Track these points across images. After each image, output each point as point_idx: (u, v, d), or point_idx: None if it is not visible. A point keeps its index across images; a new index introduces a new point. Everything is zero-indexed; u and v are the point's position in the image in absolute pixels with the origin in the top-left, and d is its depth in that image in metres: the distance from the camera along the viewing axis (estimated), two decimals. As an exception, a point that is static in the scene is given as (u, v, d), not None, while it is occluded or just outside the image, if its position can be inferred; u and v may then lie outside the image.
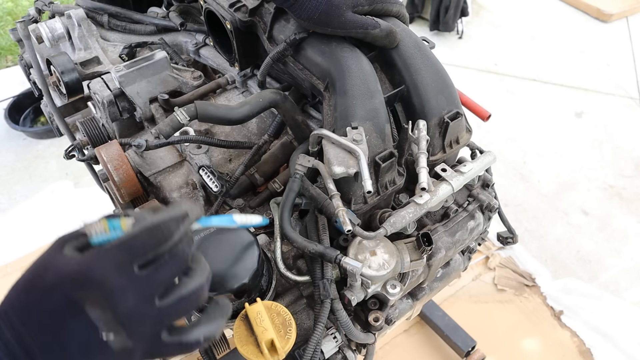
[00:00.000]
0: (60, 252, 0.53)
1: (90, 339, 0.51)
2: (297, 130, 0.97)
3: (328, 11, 0.82)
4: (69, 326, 0.50)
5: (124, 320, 0.52)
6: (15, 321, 0.51)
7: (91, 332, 0.50)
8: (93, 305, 0.50)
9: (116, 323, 0.51)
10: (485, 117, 1.03)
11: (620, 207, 2.66)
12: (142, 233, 0.53)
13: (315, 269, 0.80)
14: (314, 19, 0.83)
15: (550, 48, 3.78)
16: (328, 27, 0.84)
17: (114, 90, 1.07)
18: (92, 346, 0.51)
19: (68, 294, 0.50)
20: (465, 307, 2.12)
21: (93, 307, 0.50)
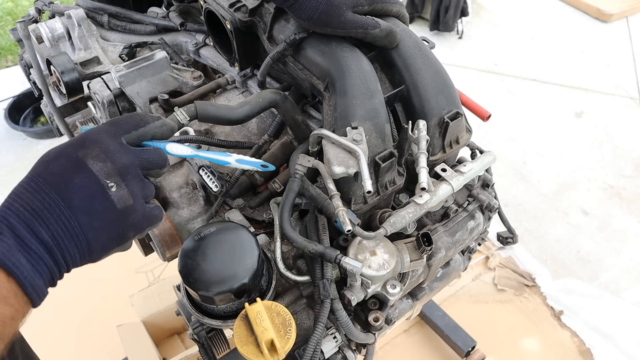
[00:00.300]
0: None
1: (93, 193, 0.57)
2: (297, 130, 0.97)
3: (328, 11, 0.82)
4: (75, 182, 0.56)
5: (122, 172, 0.59)
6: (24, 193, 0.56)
7: (93, 185, 0.57)
8: (95, 159, 0.58)
9: (116, 175, 0.58)
10: (485, 117, 1.03)
11: (620, 207, 2.66)
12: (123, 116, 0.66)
13: (315, 269, 0.80)
14: (313, 19, 0.83)
15: (550, 48, 3.78)
16: (328, 27, 0.84)
17: (114, 90, 1.07)
18: (96, 201, 0.57)
19: (72, 154, 0.58)
20: (465, 307, 2.12)
21: (95, 161, 0.58)
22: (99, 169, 0.58)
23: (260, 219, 0.97)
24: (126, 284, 2.10)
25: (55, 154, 0.59)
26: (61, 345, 2.01)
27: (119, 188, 0.58)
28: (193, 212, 0.98)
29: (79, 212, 0.56)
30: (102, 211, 0.58)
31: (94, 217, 0.57)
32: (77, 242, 0.57)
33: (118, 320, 1.87)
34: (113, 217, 0.59)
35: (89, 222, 0.57)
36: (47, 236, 0.55)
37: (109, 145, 0.60)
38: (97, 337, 2.01)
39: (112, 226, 0.59)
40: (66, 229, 0.56)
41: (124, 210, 0.59)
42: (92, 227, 0.57)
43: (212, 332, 0.90)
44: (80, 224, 0.56)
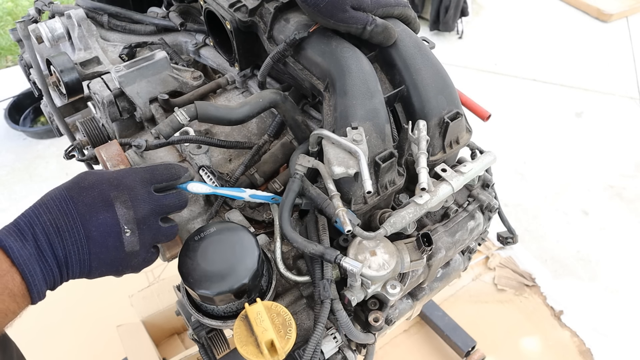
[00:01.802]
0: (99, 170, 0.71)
1: (110, 233, 0.65)
2: (297, 130, 0.97)
3: (334, 3, 0.83)
4: (100, 218, 0.65)
5: (139, 222, 0.68)
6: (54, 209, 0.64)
7: (112, 227, 0.65)
8: (122, 204, 0.67)
9: (134, 223, 0.67)
10: (485, 117, 1.03)
11: (620, 207, 2.66)
12: (161, 166, 0.75)
13: (315, 269, 0.80)
14: (319, 8, 0.84)
15: (550, 48, 3.78)
16: (331, 19, 0.85)
17: (114, 90, 1.06)
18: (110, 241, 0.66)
19: (105, 191, 0.66)
20: (465, 307, 2.12)
21: (121, 206, 0.66)
22: (123, 214, 0.67)
23: (260, 219, 0.97)
24: (126, 284, 2.09)
25: (92, 184, 0.67)
26: (61, 345, 2.01)
27: (132, 235, 0.68)
28: (193, 212, 0.98)
29: (92, 243, 0.65)
30: (111, 249, 0.67)
31: (103, 251, 0.66)
32: (82, 266, 0.66)
33: (118, 320, 1.87)
34: (119, 256, 0.68)
35: (97, 253, 0.66)
36: (62, 254, 0.64)
37: (138, 193, 0.69)
38: (97, 337, 2.01)
39: (115, 262, 0.69)
40: (78, 253, 0.65)
41: (129, 253, 0.69)
42: (98, 258, 0.66)
43: (212, 333, 0.90)
44: (90, 253, 0.65)
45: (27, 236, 0.62)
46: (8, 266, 0.60)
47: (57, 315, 2.09)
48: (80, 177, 0.69)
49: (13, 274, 0.60)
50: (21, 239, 0.61)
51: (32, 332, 2.04)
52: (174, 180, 0.76)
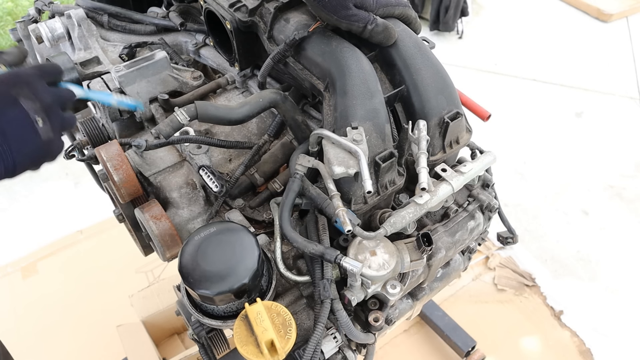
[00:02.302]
0: None
1: (24, 126, 0.69)
2: (297, 130, 0.97)
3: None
4: (8, 114, 0.67)
5: (47, 111, 0.71)
6: None
7: (24, 120, 0.68)
8: (25, 98, 0.69)
9: (42, 112, 0.70)
10: (485, 117, 1.03)
11: (620, 207, 2.66)
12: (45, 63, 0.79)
13: (315, 269, 0.80)
14: (324, 3, 0.84)
15: (550, 48, 3.78)
16: (334, 16, 0.85)
17: (114, 90, 1.06)
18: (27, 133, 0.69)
19: (4, 91, 0.68)
20: (465, 307, 2.12)
21: (26, 99, 0.69)
22: (30, 106, 0.69)
23: (260, 219, 0.97)
24: (126, 284, 2.09)
25: None
26: (61, 346, 2.01)
27: (44, 123, 0.71)
28: (193, 212, 0.98)
29: (10, 139, 0.67)
30: (29, 141, 0.70)
31: (22, 144, 0.69)
32: (6, 163, 0.68)
33: (118, 320, 1.87)
34: (38, 145, 0.71)
35: (18, 148, 0.69)
36: None
37: (37, 86, 0.72)
38: (97, 337, 2.01)
39: (36, 153, 0.72)
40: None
41: (47, 141, 0.72)
42: (20, 153, 0.69)
43: (212, 332, 0.90)
44: (11, 150, 0.68)
45: None
46: None
47: (56, 315, 2.09)
48: None
49: None
50: None
51: (32, 332, 2.05)
52: (59, 73, 0.81)
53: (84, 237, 2.34)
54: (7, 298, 2.16)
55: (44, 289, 2.18)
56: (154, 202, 0.96)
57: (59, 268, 2.24)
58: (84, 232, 2.36)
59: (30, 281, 2.21)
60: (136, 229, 1.07)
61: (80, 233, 2.36)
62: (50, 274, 2.23)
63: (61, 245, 2.32)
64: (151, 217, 0.93)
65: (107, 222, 2.33)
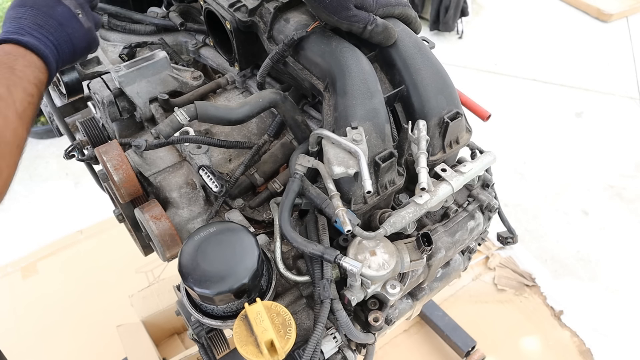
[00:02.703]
0: None
1: (71, 17, 0.87)
2: (297, 130, 0.97)
3: (339, 0, 0.84)
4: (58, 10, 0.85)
5: (82, 6, 0.90)
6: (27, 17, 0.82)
7: (69, 13, 0.87)
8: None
9: (79, 7, 0.89)
10: (485, 117, 1.03)
11: (620, 207, 2.66)
12: None
13: (315, 269, 0.80)
14: (324, 3, 0.84)
15: (550, 48, 3.78)
16: (335, 16, 0.85)
17: (114, 90, 1.06)
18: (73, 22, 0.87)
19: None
20: (465, 307, 2.12)
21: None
22: (70, 2, 0.87)
23: (260, 219, 0.97)
24: (126, 284, 2.10)
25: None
26: (61, 346, 2.02)
27: (83, 15, 0.89)
28: (193, 212, 0.98)
29: (65, 27, 0.85)
30: (77, 28, 0.87)
31: (74, 31, 0.87)
32: (69, 45, 0.86)
33: (118, 320, 1.87)
34: (84, 31, 0.89)
35: (72, 33, 0.86)
36: (53, 38, 0.83)
37: None
38: (97, 337, 2.01)
39: (84, 37, 0.89)
40: (62, 36, 0.85)
41: (88, 29, 0.90)
42: (74, 37, 0.87)
43: (212, 332, 0.90)
44: (68, 34, 0.86)
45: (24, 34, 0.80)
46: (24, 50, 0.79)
47: (56, 315, 2.09)
48: None
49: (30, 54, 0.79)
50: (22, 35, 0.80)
51: (32, 332, 2.05)
52: None
53: (84, 237, 2.34)
54: (7, 298, 2.16)
55: (44, 289, 2.18)
56: (154, 202, 0.96)
57: (59, 268, 2.24)
58: (84, 232, 2.36)
59: (30, 281, 2.21)
60: (136, 229, 1.07)
61: (80, 233, 2.36)
62: (50, 274, 2.23)
63: (61, 245, 2.32)
64: (151, 217, 0.93)
65: (107, 222, 2.33)
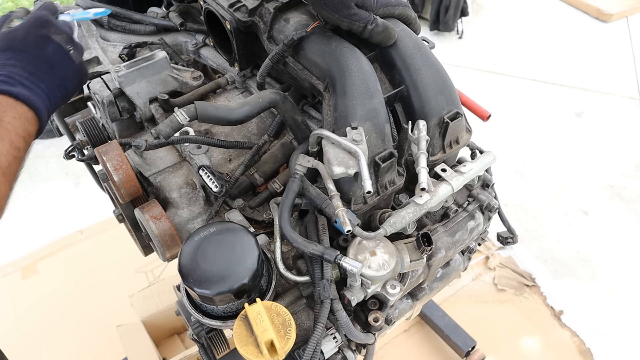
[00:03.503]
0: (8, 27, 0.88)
1: (62, 55, 0.83)
2: (297, 130, 0.97)
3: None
4: (48, 50, 0.82)
5: (71, 40, 0.86)
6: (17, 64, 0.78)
7: (61, 51, 0.83)
8: (55, 34, 0.84)
9: (70, 42, 0.86)
10: (485, 117, 1.03)
11: (620, 207, 2.66)
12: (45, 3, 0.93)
13: (315, 269, 0.80)
14: (326, 1, 0.85)
15: (550, 48, 3.78)
16: (336, 14, 0.85)
17: (114, 90, 1.06)
18: (65, 60, 0.84)
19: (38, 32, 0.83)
20: (465, 307, 2.12)
21: (56, 35, 0.84)
22: (60, 39, 0.84)
23: (260, 219, 0.97)
24: (126, 284, 2.10)
25: (24, 35, 0.82)
26: (61, 345, 2.01)
27: (74, 50, 0.86)
28: (193, 212, 0.98)
29: (57, 70, 0.82)
30: (69, 66, 0.84)
31: (66, 72, 0.84)
32: (60, 90, 0.83)
33: (118, 320, 1.87)
34: (75, 69, 0.86)
35: (64, 75, 0.83)
36: (46, 86, 0.80)
37: (57, 24, 0.86)
38: (97, 337, 2.01)
39: (76, 76, 0.87)
40: (53, 83, 0.81)
41: (79, 64, 0.87)
42: (67, 78, 0.84)
43: (212, 332, 0.90)
44: (60, 76, 0.83)
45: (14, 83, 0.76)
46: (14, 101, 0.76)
47: (57, 315, 2.09)
48: (9, 36, 0.81)
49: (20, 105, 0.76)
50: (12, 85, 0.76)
51: (32, 332, 2.05)
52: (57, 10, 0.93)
53: (84, 237, 2.34)
54: (7, 298, 2.16)
55: (44, 289, 2.18)
56: (154, 202, 0.96)
57: (59, 268, 2.24)
58: (84, 232, 2.36)
59: (30, 281, 2.21)
60: (136, 229, 1.07)
61: (80, 233, 2.36)
62: (50, 274, 2.23)
63: (61, 245, 2.32)
64: (151, 217, 0.93)
65: (107, 222, 2.33)
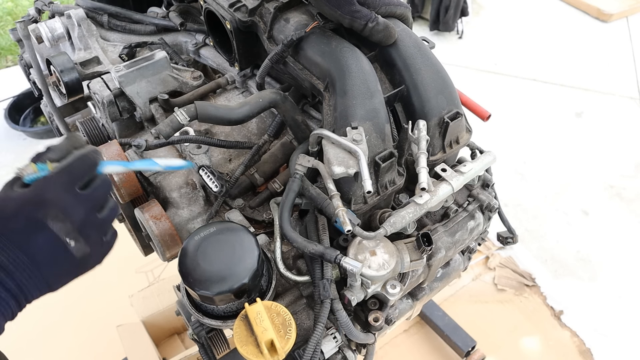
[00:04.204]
0: (10, 191, 0.64)
1: (56, 249, 0.62)
2: (297, 130, 0.97)
3: None
4: (37, 241, 0.61)
5: (80, 228, 0.64)
6: None
7: (55, 243, 0.62)
8: (54, 220, 0.62)
9: (75, 231, 0.63)
10: (485, 117, 1.03)
11: (620, 207, 2.66)
12: (74, 161, 0.67)
13: (315, 269, 0.80)
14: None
15: (550, 48, 3.78)
16: (338, 11, 0.86)
17: (114, 90, 1.06)
18: (59, 256, 0.63)
19: (31, 214, 0.62)
20: (465, 307, 2.12)
21: (54, 222, 0.62)
22: (59, 228, 0.62)
23: (260, 219, 0.97)
24: (126, 284, 2.09)
25: (14, 212, 0.62)
26: (61, 346, 2.01)
27: (77, 243, 0.64)
28: (193, 212, 0.98)
29: (43, 266, 0.62)
30: (63, 263, 0.64)
31: (54, 268, 0.63)
32: (40, 287, 0.63)
33: (118, 320, 1.87)
34: (74, 264, 0.65)
35: (50, 272, 0.63)
36: (13, 286, 0.61)
37: (66, 202, 0.64)
38: (97, 337, 2.01)
39: (72, 271, 0.67)
40: (30, 279, 0.62)
41: (82, 258, 0.65)
42: (53, 275, 0.64)
43: (212, 332, 0.90)
44: (42, 275, 0.62)
45: None
46: None
47: (56, 315, 2.08)
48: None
49: None
50: None
51: (32, 332, 2.04)
52: (92, 170, 0.69)
53: (84, 237, 2.34)
54: (7, 298, 2.16)
55: (44, 289, 2.17)
56: (154, 202, 0.96)
57: (59, 268, 2.24)
58: (84, 232, 2.35)
59: (30, 281, 2.20)
60: (136, 229, 1.07)
61: (80, 233, 2.35)
62: (50, 274, 2.23)
63: (61, 245, 2.31)
64: (151, 217, 0.93)
65: (107, 222, 2.33)
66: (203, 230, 0.78)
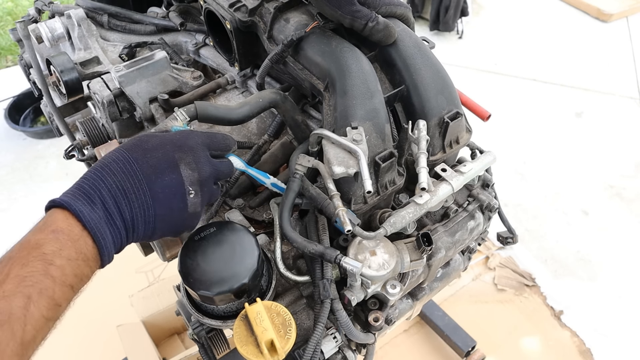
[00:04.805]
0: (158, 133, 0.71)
1: (176, 194, 0.66)
2: (297, 130, 0.97)
3: None
4: (165, 179, 0.65)
5: (202, 184, 0.69)
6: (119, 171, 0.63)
7: (177, 188, 0.66)
8: (187, 165, 0.67)
9: (197, 184, 0.68)
10: (485, 117, 1.03)
11: (620, 207, 2.66)
12: (219, 135, 0.77)
13: (315, 269, 0.80)
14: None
15: (550, 48, 3.78)
16: (338, 10, 0.86)
17: (114, 90, 1.06)
18: (175, 201, 0.66)
19: (169, 152, 0.66)
20: (465, 307, 2.12)
21: (186, 167, 0.67)
22: (187, 175, 0.67)
23: (260, 219, 0.97)
24: (126, 284, 2.09)
25: (155, 146, 0.67)
26: (61, 345, 2.01)
27: (195, 196, 0.68)
28: (193, 212, 0.98)
29: (158, 204, 0.65)
30: (176, 210, 0.67)
31: (168, 212, 0.66)
32: (147, 228, 0.66)
33: (118, 320, 1.87)
34: (183, 217, 0.69)
35: (162, 215, 0.66)
36: (129, 217, 0.64)
37: (200, 156, 0.70)
38: (97, 337, 2.01)
39: (178, 223, 0.70)
40: (144, 215, 0.65)
41: (192, 214, 0.70)
42: (163, 220, 0.67)
43: (212, 332, 0.90)
44: (156, 215, 0.65)
45: (94, 200, 0.62)
46: (80, 230, 0.60)
47: (57, 315, 2.08)
48: (142, 139, 0.68)
49: (85, 238, 0.60)
50: (89, 203, 0.61)
51: (32, 332, 2.04)
52: (227, 150, 0.78)
53: (84, 237, 2.34)
54: (7, 298, 2.16)
55: (44, 289, 2.17)
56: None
57: (59, 268, 2.23)
58: (84, 232, 2.35)
59: (30, 281, 2.20)
60: (136, 229, 1.07)
61: (80, 233, 2.35)
62: (50, 274, 2.22)
63: (61, 245, 2.31)
64: (151, 217, 0.93)
65: (107, 222, 2.33)
66: (203, 230, 0.78)
